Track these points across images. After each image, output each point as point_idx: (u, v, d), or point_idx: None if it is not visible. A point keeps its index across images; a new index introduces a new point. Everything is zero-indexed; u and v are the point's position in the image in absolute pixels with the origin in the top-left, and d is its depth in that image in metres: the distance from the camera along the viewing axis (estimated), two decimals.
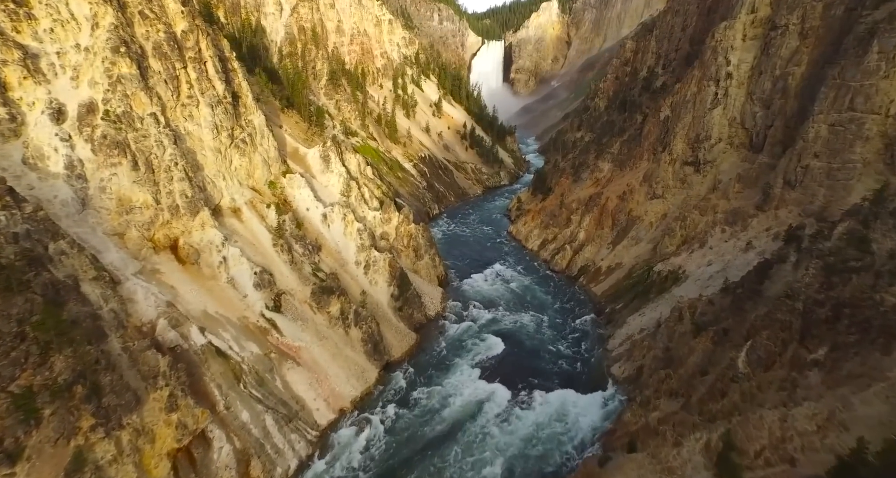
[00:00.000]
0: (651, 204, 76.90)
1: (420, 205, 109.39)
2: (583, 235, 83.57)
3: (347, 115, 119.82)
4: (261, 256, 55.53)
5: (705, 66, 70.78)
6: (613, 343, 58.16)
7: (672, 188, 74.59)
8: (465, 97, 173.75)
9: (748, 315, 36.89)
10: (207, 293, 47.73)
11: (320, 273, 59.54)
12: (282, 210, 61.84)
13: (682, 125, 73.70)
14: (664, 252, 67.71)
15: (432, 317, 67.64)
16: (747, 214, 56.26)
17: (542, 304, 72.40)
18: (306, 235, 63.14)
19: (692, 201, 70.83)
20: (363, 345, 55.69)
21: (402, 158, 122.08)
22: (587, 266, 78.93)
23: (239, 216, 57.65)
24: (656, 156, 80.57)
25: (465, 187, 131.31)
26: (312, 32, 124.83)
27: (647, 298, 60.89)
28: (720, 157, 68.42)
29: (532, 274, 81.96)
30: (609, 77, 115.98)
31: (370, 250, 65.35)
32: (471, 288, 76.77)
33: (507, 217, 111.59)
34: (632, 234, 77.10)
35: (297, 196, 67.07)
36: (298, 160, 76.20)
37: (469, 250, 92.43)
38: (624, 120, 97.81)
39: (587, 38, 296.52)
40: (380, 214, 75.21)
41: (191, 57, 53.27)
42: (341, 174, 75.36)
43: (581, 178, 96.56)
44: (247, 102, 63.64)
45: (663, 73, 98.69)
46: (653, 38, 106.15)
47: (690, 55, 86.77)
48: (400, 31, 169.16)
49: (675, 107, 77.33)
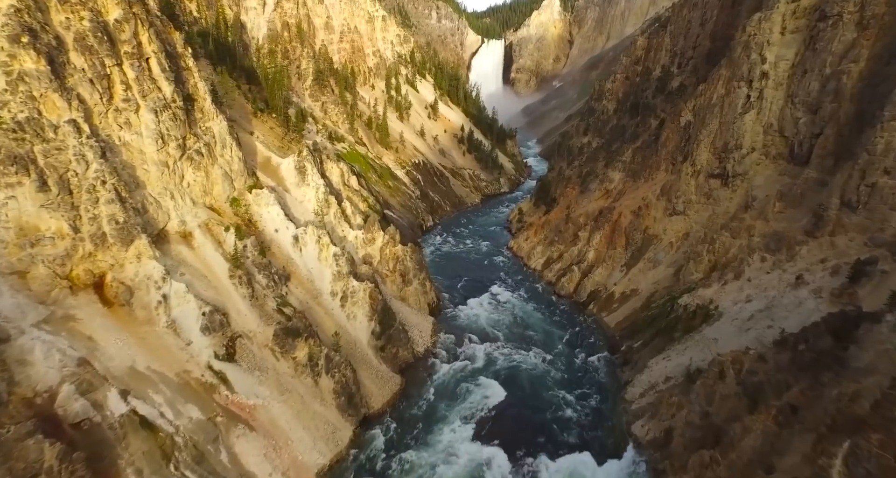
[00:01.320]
0: (670, 221, 67.85)
1: (412, 216, 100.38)
2: (592, 254, 74.49)
3: (335, 118, 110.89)
4: (213, 291, 46.40)
5: (734, 64, 61.72)
6: (633, 393, 49.07)
7: (695, 204, 65.53)
8: (463, 98, 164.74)
9: (828, 391, 27.85)
10: (139, 343, 38.61)
11: (287, 309, 50.43)
12: (243, 233, 52.72)
13: (706, 132, 64.64)
14: (689, 280, 58.64)
15: (421, 354, 58.56)
16: (794, 241, 47.21)
17: (547, 336, 63.32)
18: (273, 262, 54.03)
19: (719, 220, 61.79)
20: (335, 397, 46.58)
21: (394, 164, 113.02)
22: (598, 291, 69.85)
23: (190, 242, 48.53)
24: (676, 166, 71.52)
25: (462, 196, 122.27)
26: (297, 29, 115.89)
27: (672, 338, 51.81)
28: (753, 169, 59.37)
29: (535, 299, 72.86)
30: (618, 77, 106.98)
31: (348, 279, 56.22)
32: (466, 316, 67.68)
33: (507, 230, 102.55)
34: (648, 255, 68.04)
35: (265, 215, 57.97)
36: (270, 172, 67.11)
37: (465, 269, 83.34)
38: (636, 125, 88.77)
39: (590, 37, 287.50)
40: (362, 233, 66.13)
41: (127, 52, 44.12)
42: (319, 187, 66.26)
43: (589, 188, 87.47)
44: (204, 107, 54.57)
45: (679, 72, 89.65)
46: (667, 34, 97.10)
47: (712, 53, 77.75)
48: (394, 28, 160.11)
49: (698, 111, 68.27)
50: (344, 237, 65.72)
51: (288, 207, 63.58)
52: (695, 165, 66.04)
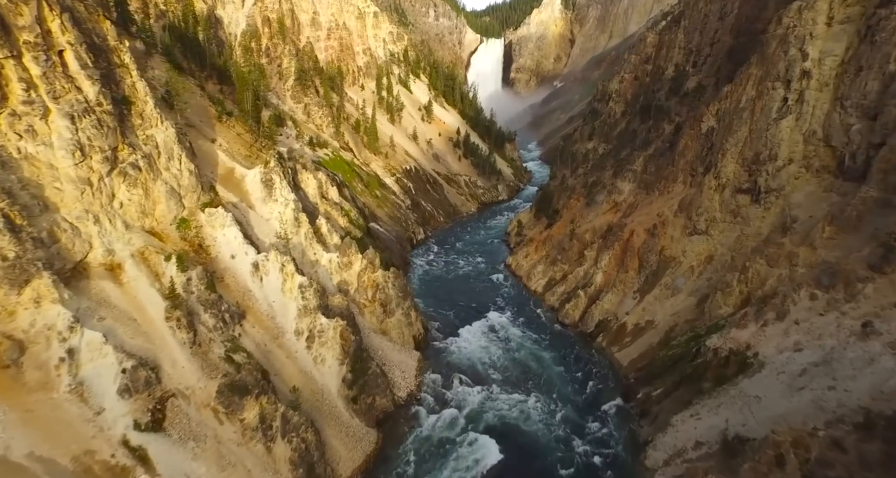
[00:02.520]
0: (690, 242, 59.29)
1: (401, 229, 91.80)
2: (600, 277, 65.89)
3: (319, 121, 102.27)
4: (143, 338, 37.79)
5: (768, 62, 53.19)
6: (655, 458, 40.50)
7: (720, 223, 56.96)
8: (460, 99, 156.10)
9: None
10: (22, 419, 29.96)
11: (239, 355, 41.81)
12: (190, 262, 44.08)
13: (733, 140, 56.08)
14: (716, 314, 50.08)
15: (403, 400, 50.04)
16: (854, 276, 38.68)
17: (550, 376, 54.77)
18: (225, 297, 45.42)
19: (749, 242, 53.24)
20: (293, 469, 38.01)
21: (383, 171, 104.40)
22: (607, 321, 61.28)
23: (117, 277, 39.92)
24: (696, 179, 62.97)
25: (457, 204, 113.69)
26: (279, 24, 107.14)
27: (700, 389, 43.23)
28: (790, 184, 50.83)
29: (536, 328, 64.29)
30: (626, 77, 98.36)
31: (316, 315, 47.58)
32: (457, 351, 59.10)
33: (505, 244, 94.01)
34: (665, 280, 59.48)
35: (220, 238, 49.39)
36: (233, 185, 58.51)
37: (458, 291, 74.76)
38: (648, 130, 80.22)
39: (592, 36, 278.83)
40: (337, 256, 57.52)
41: (29, 42, 35.55)
42: (288, 203, 57.66)
43: (595, 200, 78.93)
44: (145, 111, 45.99)
45: (695, 71, 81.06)
46: (680, 29, 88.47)
47: (735, 49, 69.18)
48: (387, 25, 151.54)
49: (722, 116, 59.71)
50: (316, 261, 57.17)
51: (251, 226, 55.07)
52: (719, 178, 57.47)
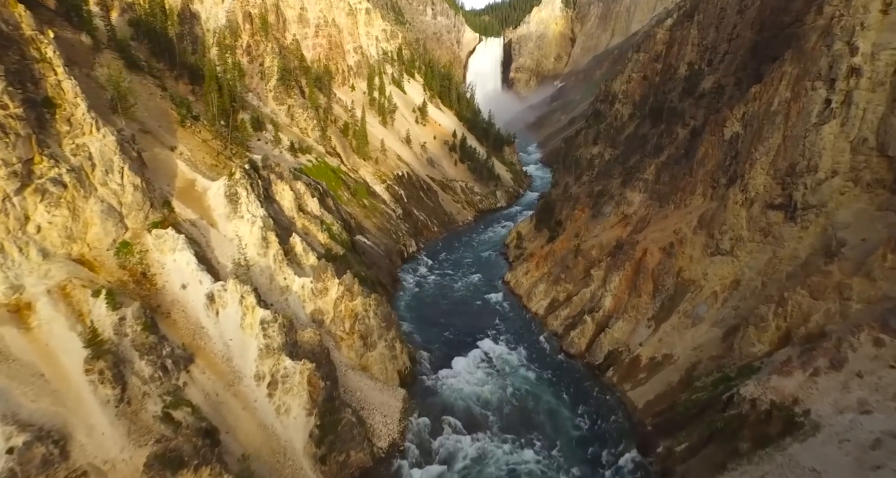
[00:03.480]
0: (713, 263, 52.15)
1: (391, 241, 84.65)
2: (609, 301, 58.71)
3: (303, 124, 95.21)
4: (50, 399, 30.64)
5: (806, 58, 46.07)
6: None
7: (747, 242, 49.82)
8: (457, 100, 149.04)
9: None
10: None
11: (181, 411, 34.67)
12: (124, 297, 36.96)
13: (763, 148, 48.96)
14: (748, 352, 42.93)
15: (383, 452, 42.90)
16: None
17: (554, 420, 47.65)
18: (171, 337, 38.30)
19: (784, 266, 46.12)
20: None
21: (372, 177, 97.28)
22: (618, 353, 54.14)
23: (25, 320, 32.78)
24: (718, 191, 55.85)
25: (452, 212, 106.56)
26: (262, 20, 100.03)
27: (736, 449, 36.05)
28: (834, 200, 43.72)
29: (537, 359, 57.18)
30: (634, 76, 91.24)
31: (279, 356, 40.40)
32: (448, 387, 51.94)
33: (504, 257, 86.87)
34: (683, 307, 52.32)
35: (170, 265, 42.28)
36: (193, 200, 51.43)
37: (451, 313, 67.58)
38: (660, 134, 73.07)
39: (593, 34, 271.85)
40: (311, 281, 50.37)
41: None
42: (255, 220, 50.54)
43: (602, 212, 71.77)
44: (75, 116, 38.98)
45: (711, 70, 73.92)
46: (693, 25, 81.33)
47: (760, 46, 62.01)
48: (379, 22, 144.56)
49: (749, 120, 52.56)
50: (287, 287, 50.06)
51: (211, 248, 48.01)
52: (746, 191, 50.33)
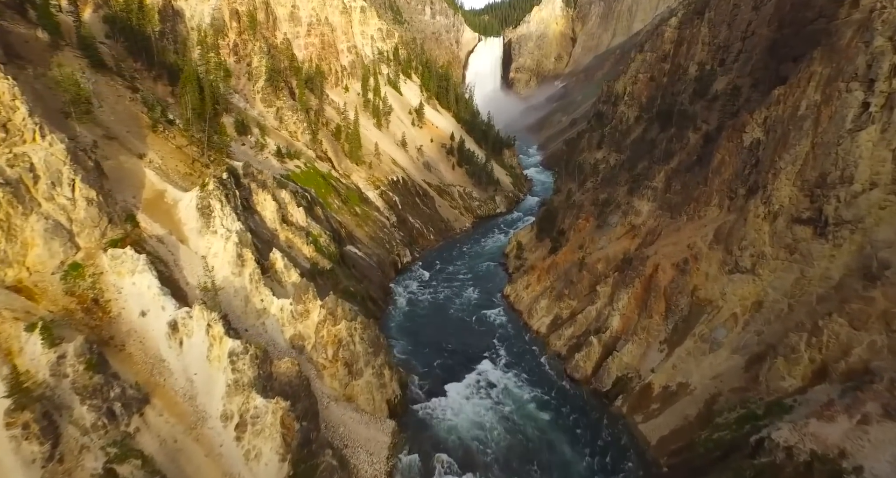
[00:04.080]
0: (732, 282, 47.61)
1: (384, 252, 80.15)
2: (617, 321, 54.19)
3: (293, 127, 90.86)
4: None
5: (839, 56, 41.55)
6: None
7: (770, 260, 45.28)
8: (455, 101, 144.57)
9: None
10: None
11: (127, 465, 30.11)
12: (66, 330, 32.47)
13: (789, 157, 44.43)
14: (777, 387, 38.42)
15: None
16: None
17: (559, 458, 43.14)
18: (123, 374, 33.79)
19: (814, 288, 41.59)
20: None
21: (366, 183, 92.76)
22: (628, 379, 49.60)
23: None
24: (736, 202, 51.32)
25: (449, 219, 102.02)
26: (250, 18, 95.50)
27: None
28: (873, 215, 39.22)
29: (539, 384, 52.68)
30: (640, 77, 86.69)
31: (250, 393, 35.84)
32: (442, 418, 47.42)
33: (503, 267, 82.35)
34: (699, 330, 47.80)
35: (128, 289, 37.78)
36: (162, 214, 46.92)
37: (446, 332, 63.06)
38: (669, 139, 68.52)
39: (594, 34, 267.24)
40: (291, 303, 45.84)
41: None
42: (229, 236, 46.05)
43: (608, 222, 67.25)
44: (13, 120, 34.55)
45: (724, 71, 69.36)
46: (703, 22, 76.79)
47: (778, 44, 57.52)
48: (375, 20, 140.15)
49: (772, 126, 48.00)
50: (264, 310, 45.57)
51: (179, 267, 43.56)
52: (769, 204, 45.81)
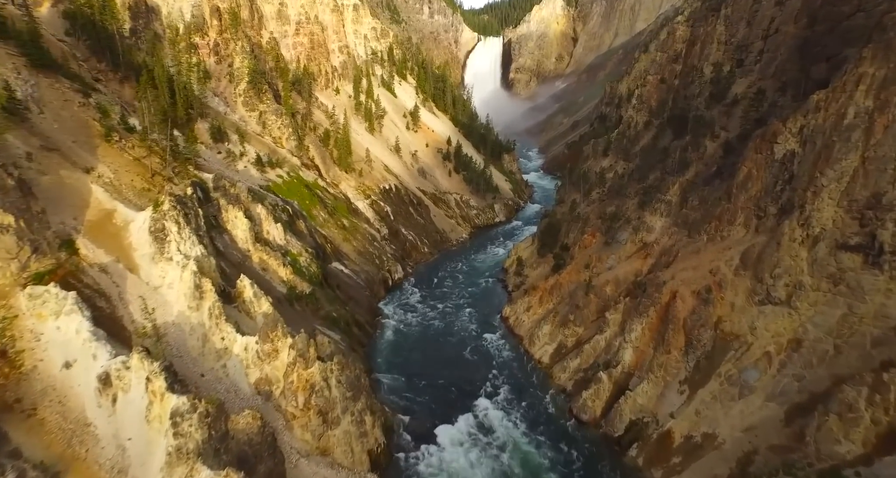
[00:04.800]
0: (763, 315, 41.47)
1: (374, 268, 74.02)
2: (630, 355, 48.03)
3: (277, 133, 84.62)
4: None
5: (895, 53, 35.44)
6: None
7: (810, 291, 39.16)
8: (452, 103, 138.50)
9: None
10: None
11: None
12: None
13: (834, 172, 38.36)
14: (829, 451, 32.27)
15: None
16: None
17: None
18: (30, 449, 27.66)
19: (866, 327, 35.50)
20: None
21: (355, 192, 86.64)
22: (643, 424, 43.39)
23: None
24: (765, 222, 45.15)
25: (445, 230, 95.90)
26: (232, 16, 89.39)
27: None
28: None
29: (542, 426, 46.51)
30: (650, 79, 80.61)
31: (193, 464, 29.56)
32: (431, 471, 41.24)
33: (502, 284, 76.25)
34: (726, 369, 41.65)
35: (50, 335, 31.67)
36: (109, 237, 40.81)
37: (438, 361, 56.91)
38: (683, 147, 62.32)
39: (596, 34, 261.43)
40: (257, 342, 39.69)
41: None
42: (186, 264, 39.93)
43: (617, 239, 61.13)
44: None
45: (743, 73, 63.29)
46: (719, 20, 70.69)
47: (808, 43, 51.47)
48: (368, 19, 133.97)
49: (810, 136, 41.85)
50: (225, 349, 39.43)
51: (125, 303, 37.52)
52: (808, 226, 39.70)
